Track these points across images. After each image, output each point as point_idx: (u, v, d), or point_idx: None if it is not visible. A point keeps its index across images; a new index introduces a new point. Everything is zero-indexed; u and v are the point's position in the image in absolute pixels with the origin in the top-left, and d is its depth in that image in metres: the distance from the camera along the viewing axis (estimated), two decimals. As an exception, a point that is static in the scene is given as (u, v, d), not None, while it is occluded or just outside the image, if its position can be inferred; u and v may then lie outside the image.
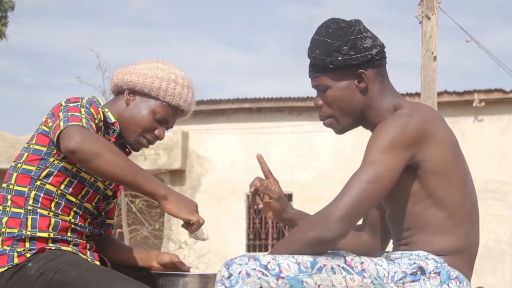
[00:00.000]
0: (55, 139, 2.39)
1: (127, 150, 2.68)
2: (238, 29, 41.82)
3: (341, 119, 2.36)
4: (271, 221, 16.11)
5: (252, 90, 44.87)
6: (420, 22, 5.26)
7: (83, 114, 2.42)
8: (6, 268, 2.40)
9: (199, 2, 41.30)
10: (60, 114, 2.41)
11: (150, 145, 2.62)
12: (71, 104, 2.46)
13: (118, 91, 2.65)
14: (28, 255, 2.41)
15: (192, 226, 2.39)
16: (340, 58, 2.29)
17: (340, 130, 2.39)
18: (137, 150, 2.64)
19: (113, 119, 2.57)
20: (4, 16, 15.17)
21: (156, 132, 2.60)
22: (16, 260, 2.40)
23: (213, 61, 35.62)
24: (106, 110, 2.59)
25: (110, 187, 2.59)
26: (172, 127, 2.66)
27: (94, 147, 2.31)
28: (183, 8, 42.53)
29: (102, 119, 2.55)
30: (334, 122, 2.38)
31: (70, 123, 2.35)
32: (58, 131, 2.36)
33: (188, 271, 2.60)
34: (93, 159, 2.30)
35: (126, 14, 41.48)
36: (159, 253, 2.67)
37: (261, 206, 2.48)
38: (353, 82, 2.32)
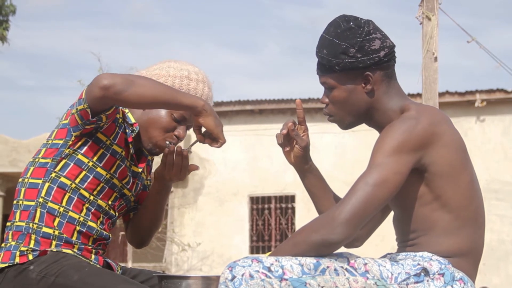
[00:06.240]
0: (85, 100, 2.36)
1: (142, 154, 2.67)
2: (237, 30, 41.85)
3: (346, 118, 2.36)
4: (274, 223, 16.11)
5: (252, 91, 44.87)
6: (420, 23, 5.27)
7: None
8: (7, 265, 2.40)
9: (199, 4, 41.33)
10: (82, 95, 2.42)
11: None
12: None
13: None
14: (30, 257, 2.40)
15: (217, 144, 2.41)
16: (346, 60, 2.28)
17: (345, 127, 2.40)
18: (156, 154, 2.61)
19: (133, 120, 2.57)
20: (5, 20, 15.20)
21: (175, 132, 2.58)
22: (17, 260, 2.40)
23: (213, 63, 35.63)
24: (127, 110, 2.58)
25: (128, 187, 2.57)
26: (192, 125, 2.59)
27: (125, 76, 2.32)
28: (182, 10, 42.56)
29: (121, 116, 2.55)
30: (339, 120, 2.38)
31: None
32: (85, 89, 2.36)
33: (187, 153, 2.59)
34: (129, 87, 2.29)
35: (126, 16, 41.51)
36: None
37: (287, 149, 2.47)
38: (359, 84, 2.31)
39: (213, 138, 2.41)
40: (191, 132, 2.68)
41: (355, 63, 2.28)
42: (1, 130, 30.58)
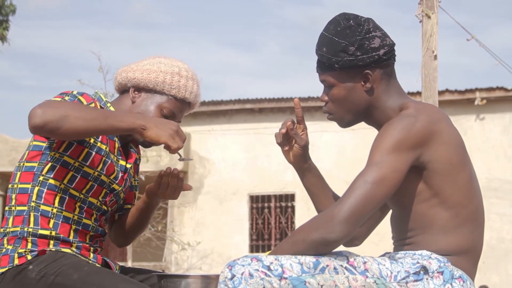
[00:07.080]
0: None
1: (130, 150, 2.68)
2: (238, 29, 41.85)
3: (345, 116, 2.36)
4: (274, 221, 16.12)
5: (252, 90, 44.93)
6: (420, 21, 5.27)
7: (62, 100, 2.39)
8: (6, 268, 2.40)
9: (199, 3, 41.32)
10: None
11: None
12: (56, 95, 2.46)
13: (123, 90, 2.63)
14: (29, 257, 2.40)
15: (170, 150, 2.38)
16: (346, 58, 2.28)
17: (344, 125, 2.40)
18: (148, 146, 2.62)
19: None
20: (5, 20, 15.21)
21: None
22: (16, 262, 2.39)
23: (214, 62, 35.64)
24: (109, 105, 2.57)
25: (116, 181, 2.57)
26: (180, 121, 2.61)
27: (58, 111, 2.25)
28: (182, 9, 42.56)
29: None
30: (338, 118, 2.38)
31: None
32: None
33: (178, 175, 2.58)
34: (63, 124, 2.25)
35: (126, 16, 41.50)
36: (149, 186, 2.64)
37: (286, 148, 2.47)
38: (358, 82, 2.31)
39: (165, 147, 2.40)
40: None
41: (354, 61, 2.28)
42: (1, 130, 30.60)
